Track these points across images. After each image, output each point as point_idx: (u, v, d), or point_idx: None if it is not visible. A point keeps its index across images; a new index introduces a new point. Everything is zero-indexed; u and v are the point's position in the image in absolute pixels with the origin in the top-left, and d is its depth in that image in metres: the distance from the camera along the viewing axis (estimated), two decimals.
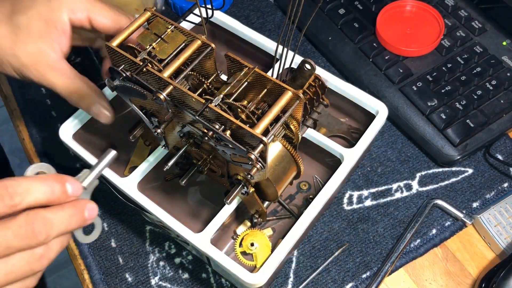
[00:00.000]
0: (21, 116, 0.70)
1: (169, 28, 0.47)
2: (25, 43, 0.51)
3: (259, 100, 0.46)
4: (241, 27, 0.66)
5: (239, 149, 0.42)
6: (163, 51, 0.46)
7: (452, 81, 0.66)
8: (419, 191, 0.62)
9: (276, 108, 0.43)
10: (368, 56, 0.69)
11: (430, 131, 0.63)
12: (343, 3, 0.74)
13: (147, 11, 0.48)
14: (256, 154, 0.41)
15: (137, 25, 0.47)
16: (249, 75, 0.45)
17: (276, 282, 0.57)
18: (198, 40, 0.46)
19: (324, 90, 0.53)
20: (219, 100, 0.44)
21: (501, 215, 0.59)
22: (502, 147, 0.65)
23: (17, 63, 0.51)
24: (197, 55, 0.46)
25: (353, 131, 0.64)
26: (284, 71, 0.56)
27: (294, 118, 0.47)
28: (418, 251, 0.59)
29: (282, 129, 0.48)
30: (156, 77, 0.44)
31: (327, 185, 0.54)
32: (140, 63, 0.44)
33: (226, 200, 0.49)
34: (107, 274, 0.58)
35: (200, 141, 0.50)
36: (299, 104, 0.45)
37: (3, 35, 0.51)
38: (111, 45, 0.46)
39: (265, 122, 0.42)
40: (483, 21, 0.71)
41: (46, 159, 0.66)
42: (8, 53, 0.51)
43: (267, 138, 0.41)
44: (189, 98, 0.43)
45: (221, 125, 0.43)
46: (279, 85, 0.44)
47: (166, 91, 0.43)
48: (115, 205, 0.62)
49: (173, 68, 0.45)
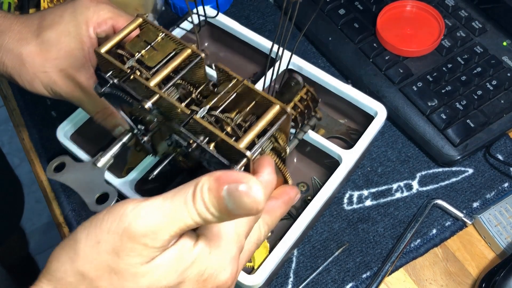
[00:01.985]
0: (21, 116, 0.70)
1: (160, 36, 0.46)
2: (56, 59, 0.51)
3: (247, 113, 0.46)
4: (240, 28, 0.66)
5: (222, 163, 0.41)
6: (152, 58, 0.45)
7: (452, 81, 0.66)
8: (419, 191, 0.62)
9: (262, 122, 0.42)
10: (368, 56, 0.69)
11: (430, 131, 0.63)
12: (343, 3, 0.74)
13: (139, 17, 0.47)
14: (238, 169, 0.40)
15: (128, 31, 0.46)
16: (238, 87, 0.45)
17: (276, 282, 0.57)
18: (188, 49, 0.46)
19: (316, 103, 0.53)
20: (204, 112, 0.43)
21: (501, 215, 0.59)
22: (502, 147, 0.65)
23: (48, 79, 0.51)
24: (186, 64, 0.46)
25: (352, 132, 0.64)
26: (279, 76, 0.56)
27: (283, 131, 0.47)
28: (418, 251, 0.58)
29: (270, 142, 0.47)
30: (143, 86, 0.43)
31: (325, 186, 0.54)
32: (127, 71, 0.44)
33: None
34: None
35: (186, 151, 0.49)
36: (287, 118, 0.44)
37: (34, 53, 0.51)
38: (99, 51, 0.45)
39: (250, 136, 0.41)
40: (483, 21, 0.71)
41: (46, 159, 0.66)
42: (40, 70, 0.51)
43: (251, 152, 0.40)
44: (174, 108, 0.42)
45: (206, 137, 0.42)
46: (267, 98, 0.44)
47: (152, 100, 0.42)
48: None
49: (161, 77, 0.44)
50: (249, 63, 0.70)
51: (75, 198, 0.63)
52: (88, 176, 0.46)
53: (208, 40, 0.72)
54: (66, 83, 0.51)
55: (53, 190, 0.64)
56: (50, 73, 0.51)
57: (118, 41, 0.46)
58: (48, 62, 0.51)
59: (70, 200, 0.63)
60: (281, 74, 0.53)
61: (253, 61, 0.70)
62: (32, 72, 0.51)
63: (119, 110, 0.48)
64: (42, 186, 0.65)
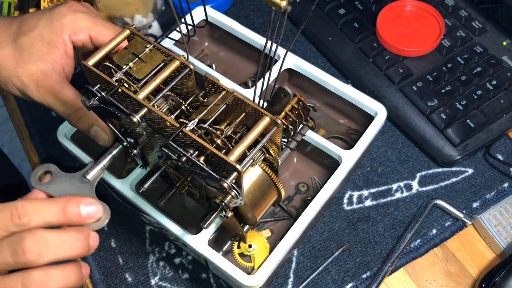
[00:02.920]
0: (21, 116, 0.70)
1: (148, 47, 0.45)
2: (27, 63, 0.51)
3: (237, 124, 0.45)
4: (240, 27, 0.66)
5: (212, 176, 0.41)
6: (140, 70, 0.45)
7: (452, 81, 0.66)
8: (419, 191, 0.62)
9: (253, 134, 0.42)
10: (368, 56, 0.69)
11: (430, 131, 0.63)
12: (343, 3, 0.74)
13: (126, 29, 0.46)
14: (229, 183, 0.40)
15: (116, 43, 0.46)
16: (228, 99, 0.44)
17: (276, 282, 0.57)
18: (177, 60, 0.45)
19: (308, 112, 0.52)
20: (194, 124, 0.43)
21: (501, 215, 0.59)
22: (502, 147, 0.65)
23: (20, 83, 0.51)
24: (176, 76, 0.45)
25: (352, 133, 0.64)
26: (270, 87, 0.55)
27: (274, 142, 0.47)
28: (418, 251, 0.58)
29: (261, 154, 0.47)
30: (131, 99, 0.43)
31: (325, 186, 0.54)
32: (115, 84, 0.43)
33: (203, 225, 0.47)
34: (107, 274, 0.59)
35: (176, 164, 0.49)
36: (277, 130, 0.44)
37: (7, 56, 0.51)
38: (86, 64, 0.44)
39: (241, 148, 0.41)
40: (483, 21, 0.71)
41: (46, 159, 0.66)
42: (12, 74, 0.51)
43: (242, 165, 0.40)
44: (163, 121, 0.42)
45: (196, 150, 0.41)
46: (257, 110, 0.43)
47: (140, 114, 0.42)
48: (115, 206, 0.62)
49: (150, 90, 0.43)
50: (249, 63, 0.70)
51: None
52: (77, 189, 0.45)
53: (208, 40, 0.72)
54: (36, 87, 0.51)
55: None
56: (22, 77, 0.51)
57: (105, 54, 0.46)
58: (19, 66, 0.51)
59: None
60: (271, 85, 0.52)
61: (253, 61, 0.70)
62: (6, 75, 0.51)
63: (108, 122, 0.48)
64: None
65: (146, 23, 0.74)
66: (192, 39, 0.62)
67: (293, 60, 0.62)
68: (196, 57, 0.70)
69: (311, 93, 0.65)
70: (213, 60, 0.71)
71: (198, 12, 0.67)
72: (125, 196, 0.55)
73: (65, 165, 0.65)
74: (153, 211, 0.53)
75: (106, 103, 0.44)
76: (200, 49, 0.72)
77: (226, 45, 0.71)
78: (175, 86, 0.45)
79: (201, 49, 0.72)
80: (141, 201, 0.54)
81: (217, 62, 0.71)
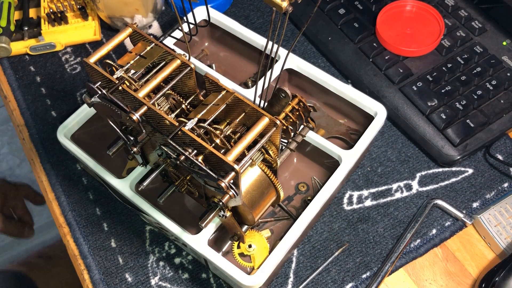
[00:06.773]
0: (21, 116, 0.70)
1: (149, 47, 0.46)
2: None
3: (237, 124, 0.45)
4: (240, 27, 0.66)
5: (210, 175, 0.41)
6: (140, 65, 0.45)
7: (452, 81, 0.66)
8: (419, 191, 0.62)
9: (251, 134, 0.42)
10: (368, 56, 0.69)
11: (430, 131, 0.63)
12: (343, 3, 0.74)
13: (129, 27, 0.46)
14: (227, 182, 0.40)
15: (118, 41, 0.46)
16: (228, 99, 0.44)
17: (276, 282, 0.57)
18: (178, 59, 0.45)
19: (309, 113, 0.52)
20: (193, 124, 0.43)
21: (501, 215, 0.59)
22: (502, 147, 0.65)
23: None
24: (176, 74, 0.45)
25: (352, 133, 0.64)
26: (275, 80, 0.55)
27: (273, 143, 0.47)
28: (418, 251, 0.58)
29: (260, 154, 0.47)
30: (131, 97, 0.43)
31: (325, 186, 0.54)
32: (116, 81, 0.43)
33: (201, 224, 0.47)
34: (107, 274, 0.59)
35: (175, 162, 0.49)
36: (276, 130, 0.44)
37: None
38: (88, 61, 0.44)
39: (239, 148, 0.41)
40: (483, 21, 0.71)
41: (46, 159, 0.66)
42: None
43: (240, 165, 0.40)
44: (163, 119, 0.42)
45: (194, 150, 0.41)
46: (256, 110, 0.43)
47: (140, 112, 0.42)
48: (115, 206, 0.62)
49: (150, 88, 0.43)
50: (249, 63, 0.70)
51: (75, 198, 0.63)
52: None
53: (208, 40, 0.72)
54: None
55: (53, 190, 0.64)
56: None
57: (108, 51, 0.46)
58: None
59: (70, 200, 0.63)
60: (272, 85, 0.53)
61: (253, 61, 0.70)
62: None
63: (109, 120, 0.48)
64: (42, 186, 0.65)
65: (146, 23, 0.74)
66: (192, 39, 0.62)
67: (293, 60, 0.62)
68: (196, 57, 0.70)
69: (311, 93, 0.65)
70: (213, 60, 0.71)
71: (198, 12, 0.67)
72: (125, 196, 0.55)
73: (65, 165, 0.65)
74: (153, 211, 0.53)
75: (106, 101, 0.44)
76: (200, 49, 0.72)
77: (226, 45, 0.71)
78: (176, 85, 0.45)
79: (201, 49, 0.72)
80: (141, 201, 0.54)
81: (217, 62, 0.71)
